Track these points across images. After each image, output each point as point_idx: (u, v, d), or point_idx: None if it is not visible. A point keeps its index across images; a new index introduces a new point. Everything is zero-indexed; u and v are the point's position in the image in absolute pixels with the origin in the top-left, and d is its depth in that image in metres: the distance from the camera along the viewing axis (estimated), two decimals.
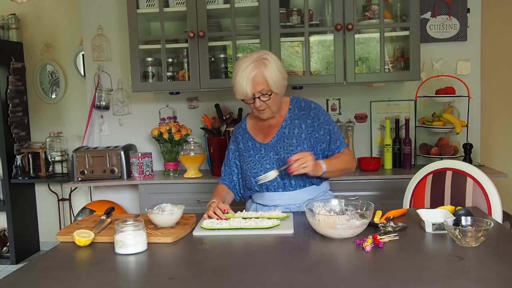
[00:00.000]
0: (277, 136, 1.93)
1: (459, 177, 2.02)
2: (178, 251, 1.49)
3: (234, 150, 2.04)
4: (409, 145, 3.07)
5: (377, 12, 2.92)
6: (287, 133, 1.92)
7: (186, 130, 3.16)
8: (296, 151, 1.88)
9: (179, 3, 3.02)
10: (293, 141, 1.90)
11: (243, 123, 2.06)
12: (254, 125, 2.02)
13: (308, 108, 1.95)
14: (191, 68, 3.00)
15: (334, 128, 1.96)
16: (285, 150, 1.90)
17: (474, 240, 1.38)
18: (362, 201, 1.64)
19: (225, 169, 2.07)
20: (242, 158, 1.99)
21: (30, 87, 4.04)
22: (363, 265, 1.30)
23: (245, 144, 1.99)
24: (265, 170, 1.90)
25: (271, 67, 1.80)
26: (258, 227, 1.63)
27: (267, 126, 1.98)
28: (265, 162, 1.92)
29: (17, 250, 3.87)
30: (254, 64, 1.78)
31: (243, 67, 1.79)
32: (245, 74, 1.77)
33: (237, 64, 1.84)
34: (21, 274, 1.34)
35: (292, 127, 1.93)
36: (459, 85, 3.09)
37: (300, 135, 1.91)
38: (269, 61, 1.81)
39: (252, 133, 2.00)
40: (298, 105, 1.97)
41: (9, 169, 3.80)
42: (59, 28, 3.96)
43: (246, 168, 1.96)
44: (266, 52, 1.85)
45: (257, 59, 1.80)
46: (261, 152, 1.93)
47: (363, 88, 3.27)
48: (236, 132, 2.06)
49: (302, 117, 1.94)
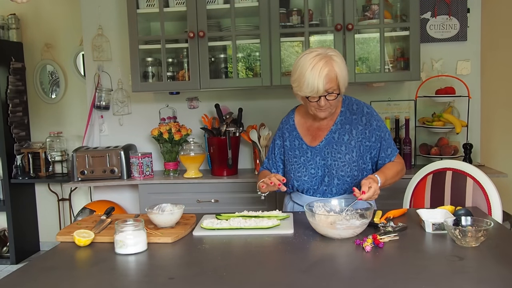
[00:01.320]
0: (326, 140, 1.84)
1: (459, 177, 2.02)
2: (178, 251, 1.49)
3: (280, 146, 1.96)
4: (409, 145, 3.07)
5: (377, 12, 2.92)
6: (336, 138, 1.84)
7: (186, 130, 3.16)
8: (344, 159, 1.81)
9: (179, 3, 3.02)
10: (342, 148, 1.83)
11: (290, 119, 1.96)
12: (302, 124, 1.92)
13: (361, 113, 1.86)
14: (191, 68, 3.00)
15: (386, 134, 1.87)
16: (332, 157, 1.83)
17: (474, 240, 1.38)
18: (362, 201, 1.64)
19: (268, 163, 1.99)
20: (287, 157, 1.92)
21: (30, 87, 4.04)
22: (363, 265, 1.30)
23: (291, 143, 1.91)
24: (309, 175, 1.84)
25: (342, 65, 1.72)
26: (258, 227, 1.63)
27: (316, 127, 1.89)
28: (311, 166, 1.85)
29: (17, 250, 3.87)
30: (325, 61, 1.68)
31: (312, 63, 1.68)
32: (317, 70, 1.67)
33: (302, 60, 1.72)
34: (21, 274, 1.33)
35: (343, 133, 1.84)
36: (459, 85, 3.09)
37: (350, 142, 1.83)
38: (339, 57, 1.72)
39: (301, 132, 1.91)
40: (350, 107, 1.87)
41: (9, 169, 3.80)
42: (59, 28, 3.96)
43: (290, 169, 1.89)
44: (332, 49, 1.76)
45: (325, 55, 1.70)
46: (307, 155, 1.86)
47: (363, 88, 3.27)
48: (283, 127, 1.96)
49: (353, 122, 1.84)
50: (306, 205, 1.59)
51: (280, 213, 1.76)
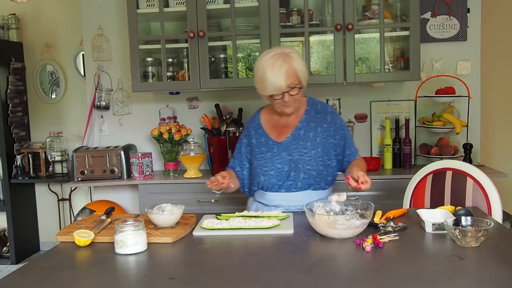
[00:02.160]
0: (292, 137, 1.91)
1: (459, 177, 2.02)
2: (178, 251, 1.49)
3: (247, 144, 2.00)
4: (409, 145, 3.07)
5: (377, 12, 2.92)
6: (302, 134, 1.90)
7: (186, 130, 3.16)
8: (310, 154, 1.87)
9: (179, 3, 3.02)
10: (307, 144, 1.89)
11: (256, 118, 2.02)
12: (268, 122, 1.98)
13: (325, 112, 1.94)
14: (191, 68, 3.00)
15: (348, 134, 1.96)
16: (298, 152, 1.89)
17: (474, 240, 1.38)
18: (362, 201, 1.64)
19: (233, 161, 2.03)
20: (253, 154, 1.96)
21: (30, 87, 4.04)
22: (363, 265, 1.30)
23: (257, 140, 1.96)
24: (276, 169, 1.88)
25: (299, 61, 1.80)
26: (258, 227, 1.63)
27: (282, 124, 1.95)
28: (277, 161, 1.90)
29: (17, 250, 3.87)
30: (283, 58, 1.76)
31: (271, 62, 1.76)
32: (276, 68, 1.74)
33: (261, 61, 1.80)
34: (21, 274, 1.34)
35: (308, 130, 1.91)
36: (459, 85, 3.09)
37: (315, 138, 1.90)
38: (295, 54, 1.81)
39: (266, 130, 1.97)
40: (315, 107, 1.96)
41: (9, 169, 3.80)
42: (59, 28, 3.96)
43: (256, 165, 1.93)
44: (288, 47, 1.84)
45: (281, 54, 1.78)
46: (274, 151, 1.91)
47: (363, 88, 3.27)
48: (249, 126, 2.02)
49: (318, 120, 1.92)
50: (306, 205, 1.60)
51: (280, 213, 1.76)
